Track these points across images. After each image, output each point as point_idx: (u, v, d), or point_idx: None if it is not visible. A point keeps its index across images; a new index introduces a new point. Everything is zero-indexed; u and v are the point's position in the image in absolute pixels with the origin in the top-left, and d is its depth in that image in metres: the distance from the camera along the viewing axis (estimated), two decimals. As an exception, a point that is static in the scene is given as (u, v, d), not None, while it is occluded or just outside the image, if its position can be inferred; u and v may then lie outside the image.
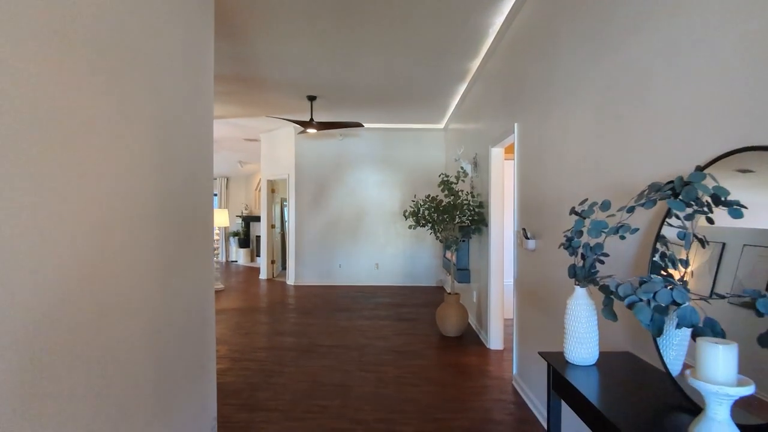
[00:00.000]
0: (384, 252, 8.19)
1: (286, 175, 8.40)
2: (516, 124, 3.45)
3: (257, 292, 7.54)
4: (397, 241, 8.16)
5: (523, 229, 3.08)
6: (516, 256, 3.51)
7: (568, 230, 1.71)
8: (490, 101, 4.41)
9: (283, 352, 4.21)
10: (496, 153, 4.32)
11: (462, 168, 5.04)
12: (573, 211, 1.77)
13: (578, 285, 1.66)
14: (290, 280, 8.30)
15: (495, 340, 4.34)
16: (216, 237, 7.38)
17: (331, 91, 5.84)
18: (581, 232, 1.67)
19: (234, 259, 12.96)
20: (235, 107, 6.68)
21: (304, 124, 6.16)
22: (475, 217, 4.69)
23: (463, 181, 5.20)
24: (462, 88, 5.65)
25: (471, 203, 4.73)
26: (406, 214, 4.87)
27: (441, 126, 8.00)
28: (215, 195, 13.72)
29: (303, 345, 4.44)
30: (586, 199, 1.78)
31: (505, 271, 4.33)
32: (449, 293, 4.79)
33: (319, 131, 7.69)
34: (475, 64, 4.74)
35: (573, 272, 1.68)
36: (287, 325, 5.23)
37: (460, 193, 4.97)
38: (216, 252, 7.19)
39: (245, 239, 12.28)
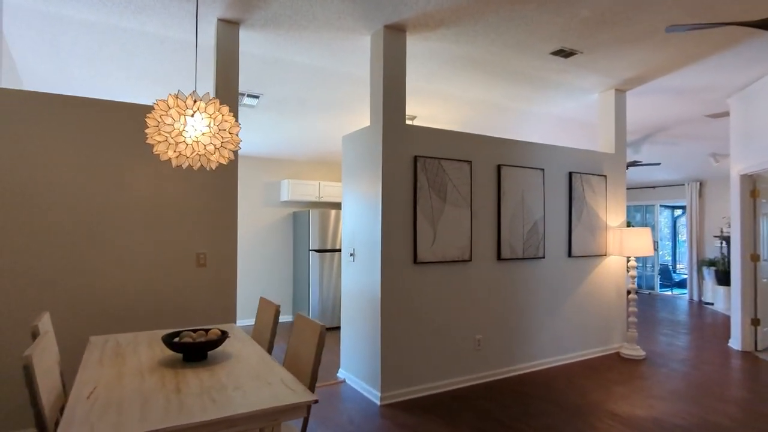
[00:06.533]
0: None
1: (770, 161, 4.46)
2: None
3: (697, 382, 4.16)
4: None
5: None
6: None
7: None
8: None
9: None
10: None
11: None
12: None
13: None
14: (780, 363, 4.24)
15: None
16: (633, 269, 4.96)
17: None
18: None
19: (710, 301, 8.80)
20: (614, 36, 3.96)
21: (764, 24, 2.73)
22: None
23: None
24: None
25: None
26: None
27: None
28: (683, 207, 9.99)
29: None
30: None
31: None
32: None
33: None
34: None
35: None
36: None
37: None
38: (632, 288, 4.84)
39: (727, 272, 8.03)
